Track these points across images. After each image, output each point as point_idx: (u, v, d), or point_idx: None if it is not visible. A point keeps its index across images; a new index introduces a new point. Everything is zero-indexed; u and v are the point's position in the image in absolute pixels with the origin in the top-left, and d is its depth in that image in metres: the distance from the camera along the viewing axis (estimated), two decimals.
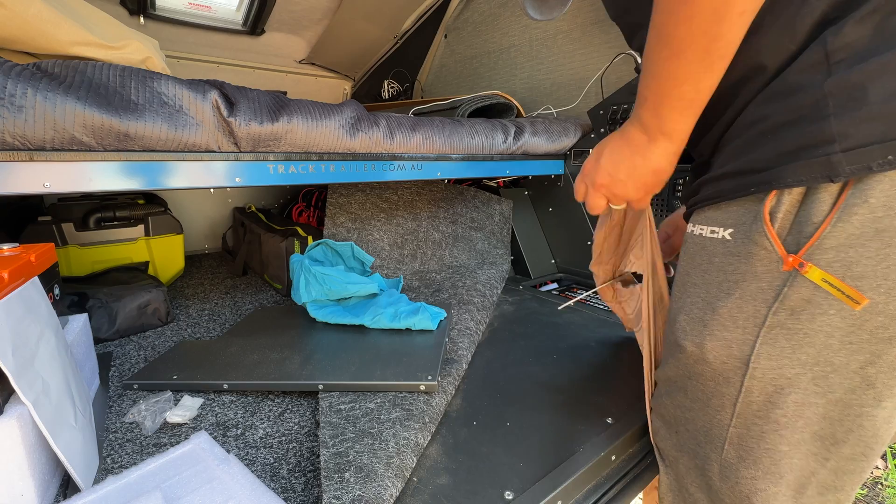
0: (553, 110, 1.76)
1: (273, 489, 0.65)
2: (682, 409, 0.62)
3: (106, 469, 0.69)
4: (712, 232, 0.54)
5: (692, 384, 0.59)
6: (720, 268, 0.53)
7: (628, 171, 0.59)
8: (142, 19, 1.93)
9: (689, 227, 0.59)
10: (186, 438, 0.71)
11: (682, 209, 0.86)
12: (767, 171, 0.48)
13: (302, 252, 1.42)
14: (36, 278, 0.70)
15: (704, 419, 0.57)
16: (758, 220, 0.48)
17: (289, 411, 0.85)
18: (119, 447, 0.74)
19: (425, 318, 1.07)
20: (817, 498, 0.52)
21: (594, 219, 1.61)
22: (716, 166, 0.55)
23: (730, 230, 0.52)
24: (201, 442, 0.69)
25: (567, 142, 1.57)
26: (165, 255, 1.56)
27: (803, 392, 0.48)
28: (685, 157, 0.62)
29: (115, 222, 1.47)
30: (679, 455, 0.64)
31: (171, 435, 0.78)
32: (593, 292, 0.93)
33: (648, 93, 0.53)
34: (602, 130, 1.52)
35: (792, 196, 0.46)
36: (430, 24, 2.34)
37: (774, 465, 0.52)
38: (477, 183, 1.90)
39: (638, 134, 0.57)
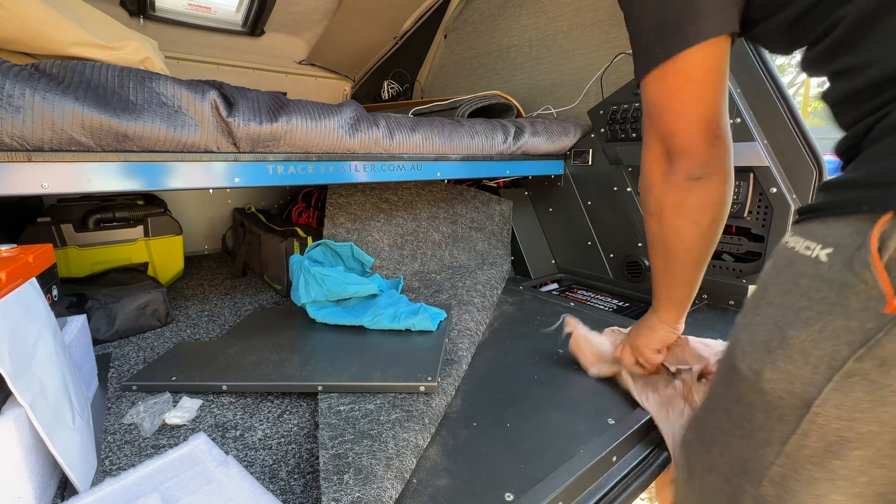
0: (553, 110, 1.75)
1: (272, 491, 0.64)
2: (722, 430, 0.57)
3: (104, 471, 0.69)
4: (807, 248, 0.46)
5: (738, 409, 0.53)
6: (805, 292, 0.46)
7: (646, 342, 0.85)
8: (141, 20, 1.93)
9: (785, 238, 0.52)
10: (185, 440, 0.70)
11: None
12: (889, 187, 0.40)
13: (301, 253, 1.42)
14: (34, 279, 0.69)
15: (745, 449, 0.52)
16: (865, 245, 0.40)
17: (288, 413, 0.85)
18: (117, 449, 0.74)
19: (425, 318, 1.07)
20: None
21: (594, 220, 1.61)
22: (844, 173, 0.49)
23: (828, 250, 0.44)
24: (200, 443, 0.68)
25: (567, 142, 1.56)
26: (165, 255, 1.56)
27: (876, 452, 0.42)
28: None
29: (115, 223, 1.47)
30: (706, 474, 0.60)
31: (170, 436, 0.77)
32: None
33: (654, 292, 0.81)
34: (602, 130, 1.51)
35: None
36: (429, 24, 2.34)
37: None
38: (477, 183, 1.90)
39: (651, 318, 0.84)
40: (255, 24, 2.15)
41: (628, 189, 1.48)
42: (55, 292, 0.81)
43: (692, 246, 0.68)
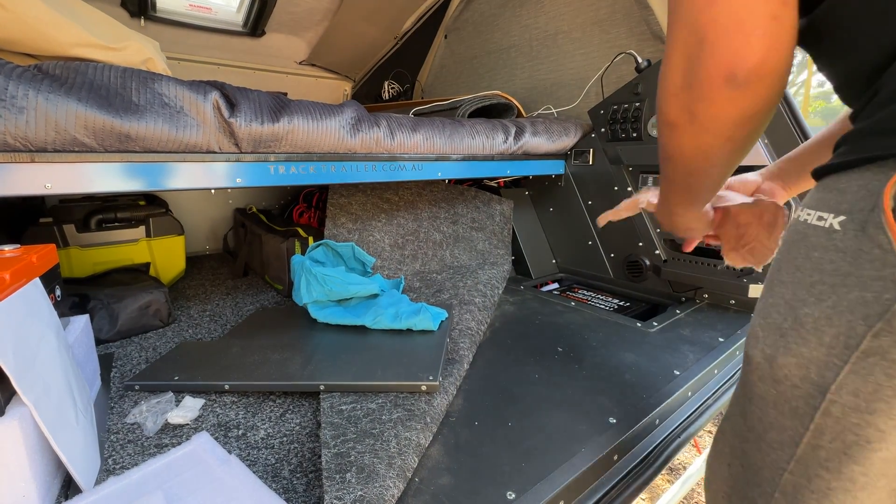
0: (553, 110, 1.76)
1: (274, 490, 0.65)
2: (738, 437, 0.50)
3: (107, 470, 0.69)
4: (820, 219, 0.41)
5: (751, 408, 0.47)
6: (817, 265, 0.40)
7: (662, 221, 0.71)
8: (142, 21, 1.94)
9: (797, 212, 0.47)
10: (188, 439, 0.71)
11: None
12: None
13: (303, 253, 1.42)
14: (37, 279, 0.70)
15: (758, 455, 0.46)
16: (876, 207, 0.36)
17: (290, 412, 0.85)
18: (120, 448, 0.74)
19: (426, 318, 1.07)
20: None
21: (595, 219, 1.61)
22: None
23: (841, 217, 0.39)
24: (203, 443, 0.69)
25: (567, 141, 1.57)
26: (166, 256, 1.56)
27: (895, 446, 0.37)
28: None
29: (117, 223, 1.47)
30: (730, 492, 0.52)
31: (173, 436, 0.78)
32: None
33: (661, 187, 0.63)
34: (602, 130, 1.52)
35: None
36: (430, 24, 2.34)
37: None
38: (478, 183, 1.90)
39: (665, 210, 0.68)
40: (255, 24, 2.15)
41: (629, 189, 1.48)
42: (58, 292, 0.81)
43: (721, 162, 0.49)
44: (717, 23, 0.39)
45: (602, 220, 0.87)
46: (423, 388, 0.83)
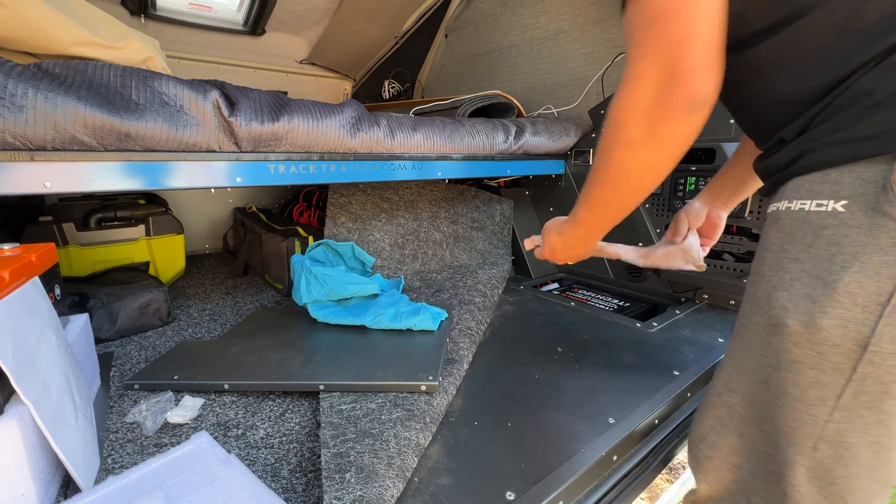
0: (554, 110, 1.75)
1: (274, 489, 0.65)
2: (760, 405, 0.55)
3: (107, 469, 0.69)
4: (818, 205, 0.49)
5: (781, 376, 0.52)
6: (832, 240, 0.48)
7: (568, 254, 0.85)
8: (143, 19, 1.94)
9: (781, 204, 0.54)
10: (187, 439, 0.71)
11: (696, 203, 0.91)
12: (890, 135, 0.44)
13: (303, 252, 1.42)
14: (37, 278, 0.70)
15: (792, 416, 0.51)
16: (887, 188, 0.44)
17: (290, 412, 0.85)
18: (120, 447, 0.74)
19: (426, 318, 1.07)
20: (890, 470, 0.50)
21: None
22: (809, 140, 0.52)
23: (843, 202, 0.47)
24: (202, 442, 0.69)
25: (568, 141, 1.56)
26: (166, 255, 1.56)
27: None
28: (688, 156, 0.67)
29: (116, 222, 1.47)
30: (743, 462, 0.58)
31: (172, 435, 0.78)
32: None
33: (582, 217, 0.74)
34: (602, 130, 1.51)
35: None
36: (430, 23, 2.33)
37: (875, 459, 0.48)
38: (478, 183, 1.90)
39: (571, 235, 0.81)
40: (256, 23, 2.15)
41: None
42: (58, 291, 0.81)
43: (656, 180, 0.60)
44: (689, 59, 0.49)
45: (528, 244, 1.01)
46: (423, 388, 0.83)
